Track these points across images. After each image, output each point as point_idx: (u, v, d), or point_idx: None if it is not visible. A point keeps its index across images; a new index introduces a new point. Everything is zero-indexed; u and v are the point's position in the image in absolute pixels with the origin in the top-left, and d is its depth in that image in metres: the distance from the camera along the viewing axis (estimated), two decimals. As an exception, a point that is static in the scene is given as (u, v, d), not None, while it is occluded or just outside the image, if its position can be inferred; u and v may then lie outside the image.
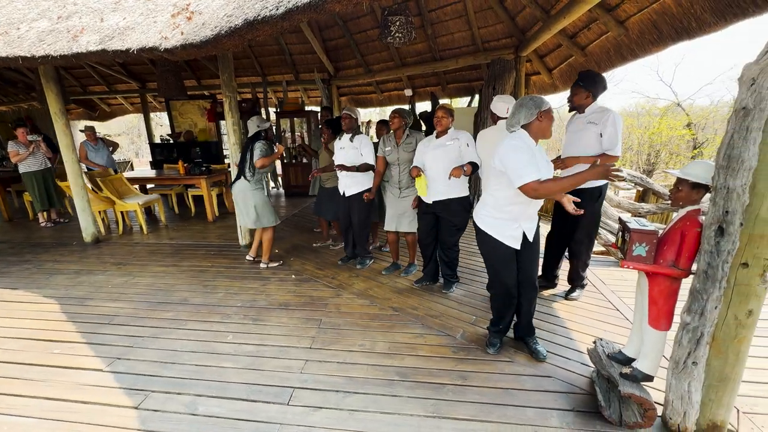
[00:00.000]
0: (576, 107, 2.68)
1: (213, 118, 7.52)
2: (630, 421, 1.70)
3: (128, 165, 12.25)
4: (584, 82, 2.56)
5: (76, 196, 4.49)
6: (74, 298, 3.17)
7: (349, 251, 3.77)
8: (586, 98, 2.59)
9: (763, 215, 1.37)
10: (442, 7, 5.49)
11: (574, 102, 2.66)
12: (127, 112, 10.31)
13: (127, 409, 1.91)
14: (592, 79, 2.55)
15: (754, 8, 2.40)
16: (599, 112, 2.54)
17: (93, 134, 5.63)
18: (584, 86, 2.56)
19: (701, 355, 1.55)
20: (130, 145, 21.80)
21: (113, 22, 3.46)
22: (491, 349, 2.28)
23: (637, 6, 3.39)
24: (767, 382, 2.00)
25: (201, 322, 2.73)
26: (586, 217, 2.61)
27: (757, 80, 1.31)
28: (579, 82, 2.59)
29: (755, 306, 1.45)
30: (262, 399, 1.95)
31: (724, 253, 1.43)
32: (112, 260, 4.04)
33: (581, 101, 2.61)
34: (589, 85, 2.55)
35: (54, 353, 2.40)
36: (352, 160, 3.36)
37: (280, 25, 2.59)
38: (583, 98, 2.60)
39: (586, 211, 2.64)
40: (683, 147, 13.67)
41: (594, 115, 2.56)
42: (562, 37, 4.55)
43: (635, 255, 1.64)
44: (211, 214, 5.57)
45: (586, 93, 2.57)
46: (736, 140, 1.38)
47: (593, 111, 2.58)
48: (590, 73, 2.59)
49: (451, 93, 7.29)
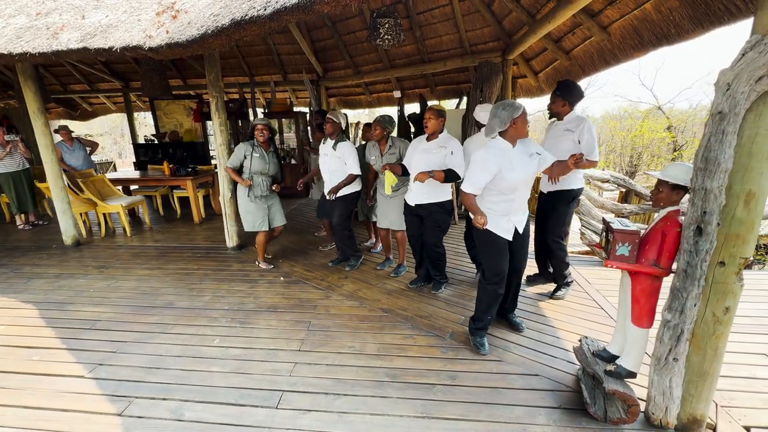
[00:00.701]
0: (554, 114, 2.82)
1: (199, 118, 7.40)
2: (614, 417, 1.74)
3: (111, 166, 11.95)
4: (561, 92, 2.71)
5: (56, 197, 4.36)
6: (54, 302, 3.07)
7: (342, 254, 3.75)
8: (563, 106, 2.73)
9: (738, 215, 1.43)
10: (431, 10, 5.54)
11: (552, 109, 2.81)
12: (110, 112, 10.06)
13: (110, 416, 1.86)
14: (568, 89, 2.69)
15: (728, 16, 2.49)
16: (575, 121, 2.70)
17: (68, 134, 5.44)
18: (561, 95, 2.71)
19: (681, 352, 1.60)
20: (113, 145, 21.25)
21: (95, 19, 3.38)
22: (482, 349, 2.30)
23: (619, 12, 3.49)
24: (743, 377, 2.08)
25: (187, 326, 2.68)
26: (558, 217, 2.85)
27: (731, 85, 1.36)
28: (557, 91, 2.74)
29: (732, 303, 1.51)
30: (251, 403, 1.93)
31: (703, 252, 1.48)
32: (94, 263, 3.94)
33: (558, 109, 2.75)
34: (565, 95, 2.69)
35: (33, 360, 2.32)
36: (335, 168, 3.34)
37: (268, 26, 2.57)
38: (560, 106, 2.74)
39: (557, 212, 2.86)
40: (664, 149, 14.08)
41: (571, 123, 2.71)
42: (548, 42, 4.64)
43: (618, 255, 1.68)
44: (197, 215, 5.48)
45: (563, 102, 2.72)
46: (712, 143, 1.43)
47: (570, 119, 2.73)
48: (567, 83, 2.73)
49: (440, 95, 7.35)
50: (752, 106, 1.35)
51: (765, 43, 1.28)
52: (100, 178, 5.06)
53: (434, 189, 2.84)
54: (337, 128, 3.32)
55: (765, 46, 1.28)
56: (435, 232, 2.94)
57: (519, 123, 2.06)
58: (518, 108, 2.04)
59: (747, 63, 1.32)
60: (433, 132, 2.76)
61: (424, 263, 3.19)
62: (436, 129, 2.75)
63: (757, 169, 1.38)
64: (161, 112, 7.70)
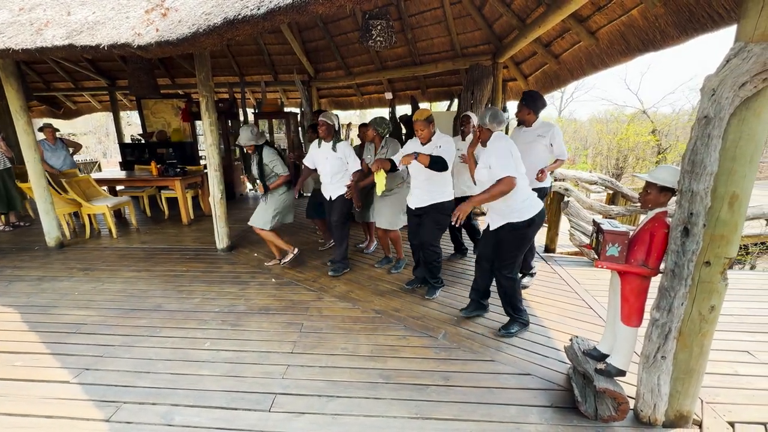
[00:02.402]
0: (521, 122, 3.07)
1: (188, 117, 7.27)
2: (605, 415, 1.77)
3: (95, 166, 11.68)
4: (527, 101, 2.96)
5: (39, 197, 4.24)
6: (37, 306, 2.98)
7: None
8: (528, 114, 2.96)
9: (723, 217, 1.47)
10: (422, 13, 5.57)
11: (518, 117, 3.05)
12: (95, 111, 9.83)
13: (98, 422, 1.82)
14: (533, 99, 2.95)
15: (711, 24, 2.57)
16: (544, 126, 2.99)
17: (52, 133, 5.31)
18: (527, 104, 2.95)
19: (669, 350, 1.63)
20: (98, 145, 20.78)
21: (81, 16, 3.30)
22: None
23: (607, 18, 3.57)
24: (727, 374, 2.14)
25: (176, 329, 2.63)
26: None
27: (717, 91, 1.41)
28: (522, 101, 2.99)
29: (717, 302, 1.55)
30: (243, 406, 1.90)
31: (689, 253, 1.52)
32: (79, 266, 3.84)
33: (524, 116, 3.00)
34: (530, 104, 2.94)
35: (15, 365, 2.25)
36: (337, 169, 3.32)
37: (261, 25, 2.55)
38: (525, 114, 2.97)
39: None
40: (648, 152, 14.43)
41: (541, 129, 2.99)
42: (537, 46, 4.72)
43: (608, 255, 1.71)
44: (186, 216, 5.39)
45: (528, 110, 2.96)
46: (698, 147, 1.47)
47: (539, 125, 3.01)
48: (532, 93, 2.97)
49: (431, 97, 7.40)
50: (736, 111, 1.40)
51: (748, 50, 1.33)
52: (85, 178, 4.93)
53: (434, 191, 2.85)
54: (331, 130, 3.31)
55: (748, 53, 1.33)
56: (433, 232, 2.94)
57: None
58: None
59: (731, 69, 1.36)
60: (426, 140, 2.81)
61: (421, 264, 3.17)
62: (428, 136, 2.79)
63: (741, 172, 1.43)
64: (148, 112, 7.56)
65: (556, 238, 4.12)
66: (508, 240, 2.35)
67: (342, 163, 3.30)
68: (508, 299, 2.49)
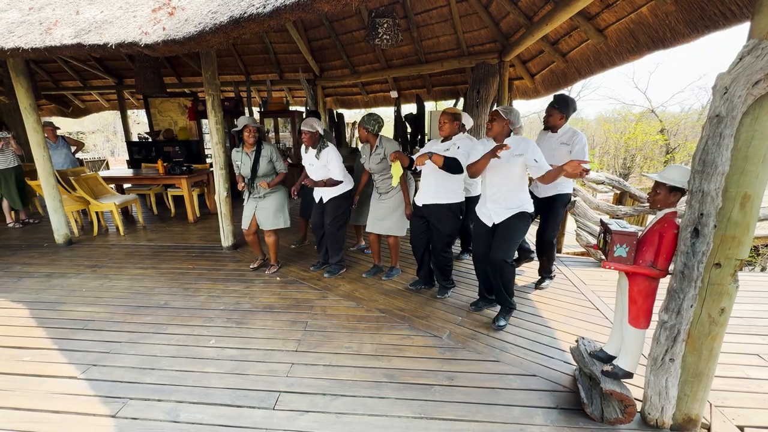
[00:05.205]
0: (550, 127, 2.96)
1: (194, 116, 7.33)
2: (611, 418, 1.75)
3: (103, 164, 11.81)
4: (559, 105, 2.85)
5: (48, 195, 4.29)
6: (45, 302, 3.02)
7: (321, 257, 3.63)
8: (561, 119, 2.88)
9: (734, 218, 1.44)
10: (428, 11, 5.55)
11: (549, 122, 2.95)
12: (103, 109, 9.93)
13: (104, 417, 1.83)
14: (566, 103, 2.85)
15: (724, 21, 2.53)
16: (569, 134, 2.88)
17: (52, 131, 5.35)
18: (559, 108, 2.85)
19: (678, 352, 1.61)
20: (105, 143, 21.00)
21: (90, 15, 3.33)
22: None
23: (615, 16, 3.52)
24: (737, 377, 2.10)
25: (182, 326, 2.65)
26: (555, 219, 3.05)
27: (729, 89, 1.38)
28: (554, 104, 2.87)
29: (727, 304, 1.52)
30: (247, 404, 1.91)
31: (699, 254, 1.49)
32: (87, 263, 3.88)
33: (556, 122, 2.90)
34: (563, 108, 2.85)
35: (24, 361, 2.28)
36: (322, 176, 3.26)
37: (267, 24, 2.55)
38: (557, 119, 2.89)
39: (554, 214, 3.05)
40: (657, 152, 14.25)
41: (565, 137, 2.89)
42: (545, 44, 4.67)
43: (616, 256, 1.69)
44: (192, 215, 5.43)
45: (560, 114, 2.86)
46: (710, 146, 1.44)
47: (564, 132, 2.90)
48: (564, 97, 2.90)
49: (437, 96, 7.37)
50: (749, 109, 1.37)
51: (762, 47, 1.30)
52: (93, 176, 4.98)
53: (443, 189, 2.76)
54: (315, 137, 3.19)
55: (762, 51, 1.30)
56: (442, 240, 2.86)
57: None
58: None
59: (744, 67, 1.33)
60: (447, 135, 2.74)
61: (424, 266, 3.12)
62: (450, 132, 2.72)
63: (753, 172, 1.40)
64: (155, 110, 7.62)
65: (563, 238, 4.09)
66: (517, 227, 2.48)
67: (327, 171, 3.23)
68: (509, 286, 2.57)
